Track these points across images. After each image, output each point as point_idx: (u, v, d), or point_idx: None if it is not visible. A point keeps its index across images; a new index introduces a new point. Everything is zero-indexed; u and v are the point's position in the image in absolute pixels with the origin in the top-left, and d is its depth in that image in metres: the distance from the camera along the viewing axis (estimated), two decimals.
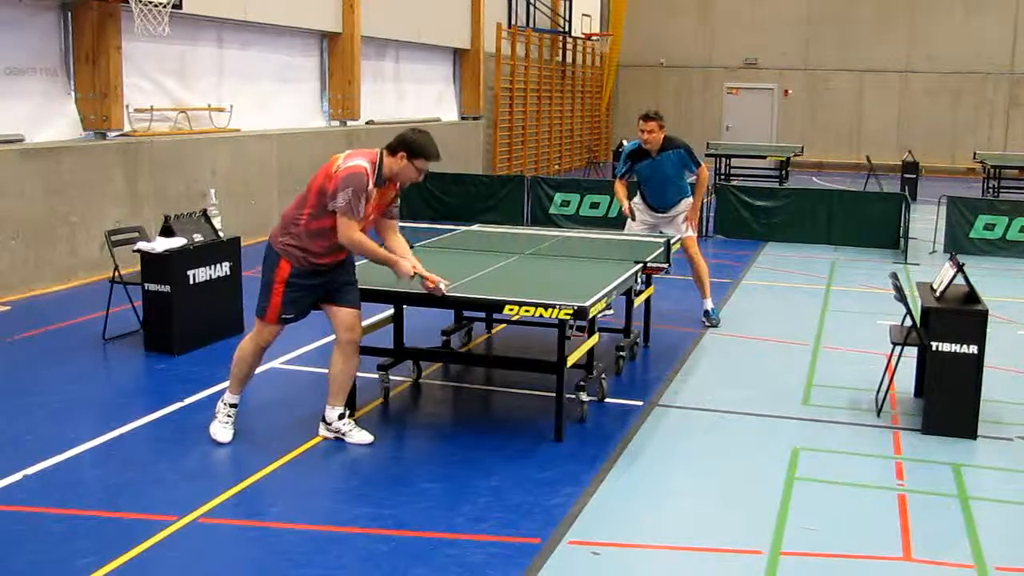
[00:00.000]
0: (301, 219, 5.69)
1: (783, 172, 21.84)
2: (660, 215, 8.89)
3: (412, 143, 5.62)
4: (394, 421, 6.52)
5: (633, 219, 8.87)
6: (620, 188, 8.96)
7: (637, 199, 9.00)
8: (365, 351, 6.52)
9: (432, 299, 6.02)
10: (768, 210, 14.30)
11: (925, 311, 6.62)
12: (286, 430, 6.10)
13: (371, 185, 5.59)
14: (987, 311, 6.19)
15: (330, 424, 5.98)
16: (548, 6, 24.23)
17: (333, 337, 5.93)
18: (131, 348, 7.85)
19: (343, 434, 5.95)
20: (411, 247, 6.89)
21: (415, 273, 5.78)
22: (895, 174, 20.96)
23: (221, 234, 8.33)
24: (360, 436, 5.95)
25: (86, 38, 10.74)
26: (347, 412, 6.03)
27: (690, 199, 8.92)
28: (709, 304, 9.03)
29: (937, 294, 6.43)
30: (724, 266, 12.15)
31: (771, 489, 5.39)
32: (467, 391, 7.27)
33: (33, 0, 10.38)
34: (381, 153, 5.67)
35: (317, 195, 5.65)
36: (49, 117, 10.63)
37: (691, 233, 8.90)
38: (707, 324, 8.91)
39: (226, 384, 6.03)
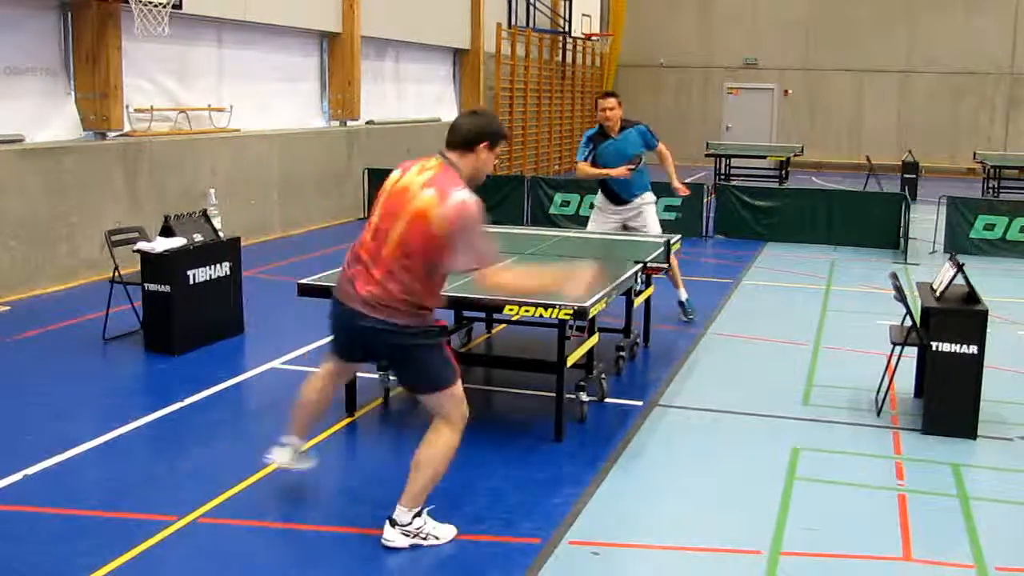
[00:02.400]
0: (419, 284, 4.43)
1: (783, 172, 21.83)
2: (623, 208, 8.82)
3: (493, 126, 4.57)
4: (394, 421, 6.52)
5: (627, 175, 8.72)
6: (586, 166, 8.80)
7: (599, 197, 8.99)
8: None
9: None
10: (768, 210, 14.29)
11: (925, 311, 6.62)
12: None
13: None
14: (987, 311, 6.19)
15: (408, 526, 4.63)
16: (548, 6, 24.23)
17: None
18: (131, 348, 7.85)
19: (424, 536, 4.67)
20: None
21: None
22: (895, 174, 20.95)
23: (221, 234, 8.33)
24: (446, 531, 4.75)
25: (86, 38, 10.74)
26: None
27: (651, 195, 8.87)
28: (683, 295, 9.07)
29: (937, 294, 6.43)
30: (724, 266, 12.15)
31: (771, 489, 5.38)
32: (467, 391, 7.23)
33: (33, 0, 10.38)
34: (448, 159, 4.51)
35: (425, 249, 4.35)
36: (49, 117, 10.62)
37: (657, 229, 8.82)
38: (683, 318, 8.99)
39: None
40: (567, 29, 25.43)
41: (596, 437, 6.15)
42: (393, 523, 4.59)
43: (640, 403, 6.77)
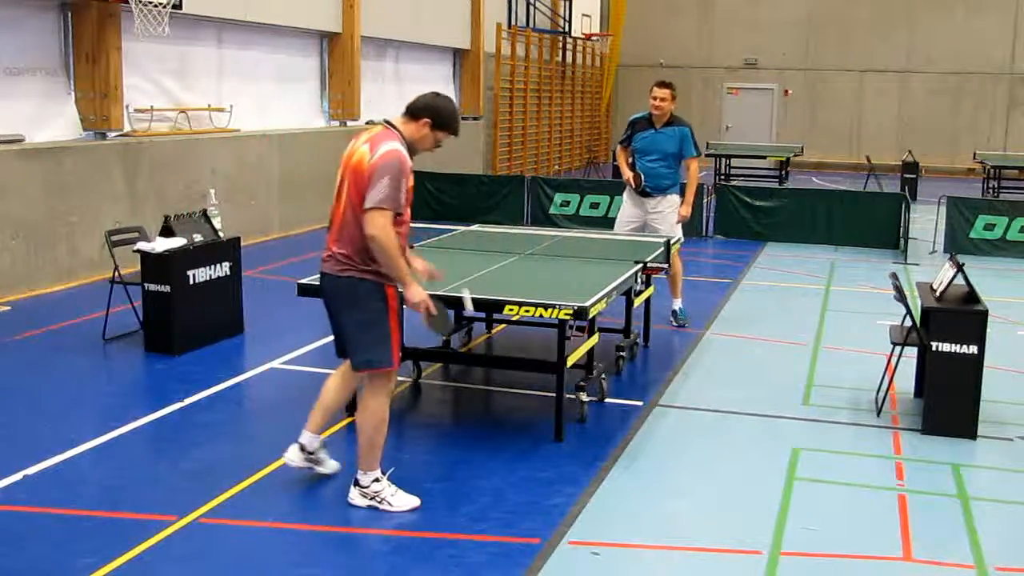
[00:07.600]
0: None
1: (783, 172, 21.84)
2: (648, 202, 8.71)
3: (441, 111, 4.87)
4: (394, 421, 6.48)
5: (636, 187, 8.70)
6: (622, 155, 8.94)
7: (626, 192, 8.92)
8: None
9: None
10: (768, 210, 14.30)
11: (925, 311, 6.62)
12: (286, 430, 6.08)
13: (410, 169, 4.80)
14: (987, 311, 6.19)
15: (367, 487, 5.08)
16: (548, 6, 24.23)
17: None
18: (131, 348, 7.84)
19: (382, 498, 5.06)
20: (411, 247, 6.84)
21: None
22: (895, 174, 20.96)
23: (221, 234, 8.33)
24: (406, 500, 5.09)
25: (86, 38, 10.74)
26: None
27: (678, 197, 8.77)
28: (678, 304, 8.96)
29: (937, 294, 6.43)
30: (724, 266, 12.15)
31: (771, 489, 5.39)
32: (467, 391, 7.27)
33: (33, 0, 10.38)
34: (391, 124, 4.90)
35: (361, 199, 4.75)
36: (49, 117, 10.62)
37: (679, 235, 8.70)
38: (674, 324, 8.83)
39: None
40: (567, 29, 25.44)
41: (596, 437, 6.15)
42: (356, 483, 5.06)
43: (640, 403, 6.77)
